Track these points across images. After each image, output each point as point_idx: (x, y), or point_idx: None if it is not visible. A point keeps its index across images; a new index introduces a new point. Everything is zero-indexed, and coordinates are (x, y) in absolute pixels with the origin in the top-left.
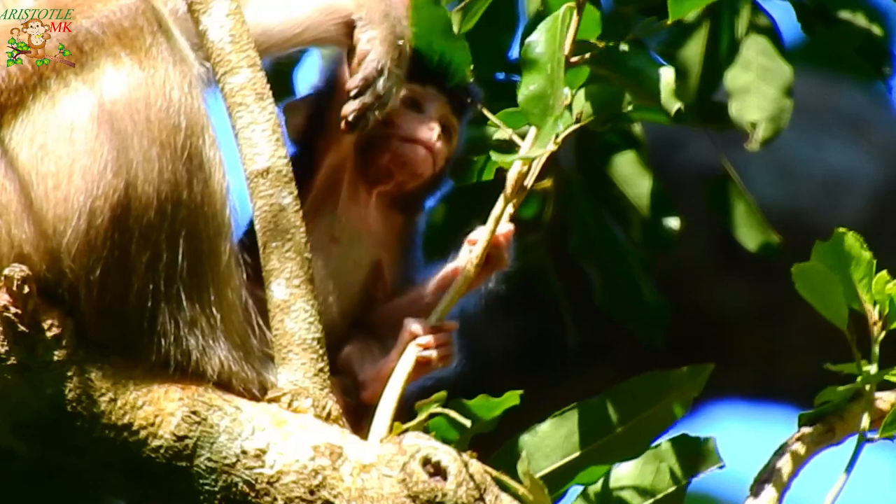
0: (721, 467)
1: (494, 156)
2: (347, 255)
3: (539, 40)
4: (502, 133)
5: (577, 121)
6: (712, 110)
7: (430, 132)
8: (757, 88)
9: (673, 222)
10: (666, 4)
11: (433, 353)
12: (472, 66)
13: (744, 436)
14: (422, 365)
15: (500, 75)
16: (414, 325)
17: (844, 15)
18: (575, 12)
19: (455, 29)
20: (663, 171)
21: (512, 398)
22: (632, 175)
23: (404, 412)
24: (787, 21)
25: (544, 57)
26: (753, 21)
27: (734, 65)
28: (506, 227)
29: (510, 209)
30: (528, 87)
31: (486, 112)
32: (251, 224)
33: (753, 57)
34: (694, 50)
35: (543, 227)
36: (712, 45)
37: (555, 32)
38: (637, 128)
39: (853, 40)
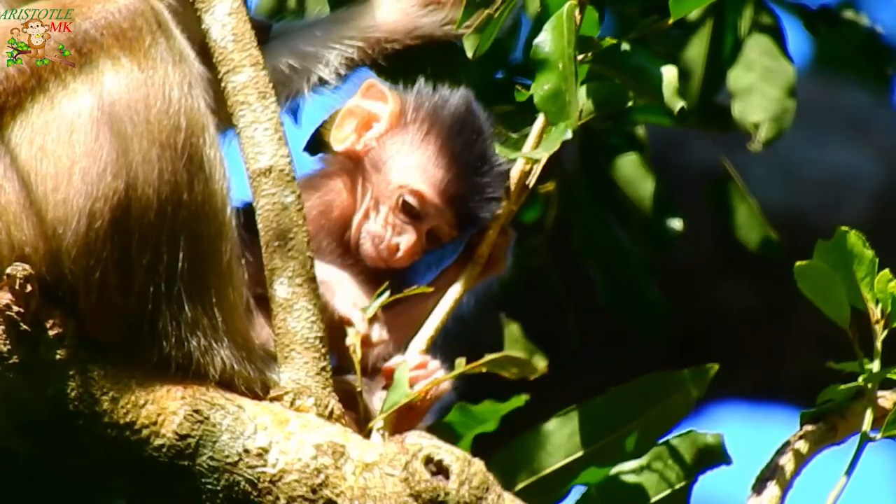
0: (728, 464)
1: (501, 150)
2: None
3: (546, 39)
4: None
5: (579, 118)
6: (715, 112)
7: (391, 239)
8: (760, 89)
9: (675, 223)
10: (666, 5)
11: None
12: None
13: (746, 436)
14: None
15: (498, 74)
16: (388, 365)
17: (847, 16)
18: (577, 11)
19: (469, 53)
20: (666, 170)
21: (517, 401)
22: (635, 177)
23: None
24: (790, 22)
25: (554, 55)
26: (757, 20)
27: (737, 65)
28: (507, 229)
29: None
30: (542, 86)
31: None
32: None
33: (756, 58)
34: (697, 51)
35: (546, 230)
36: (715, 46)
37: (561, 30)
38: (640, 130)
39: (855, 41)
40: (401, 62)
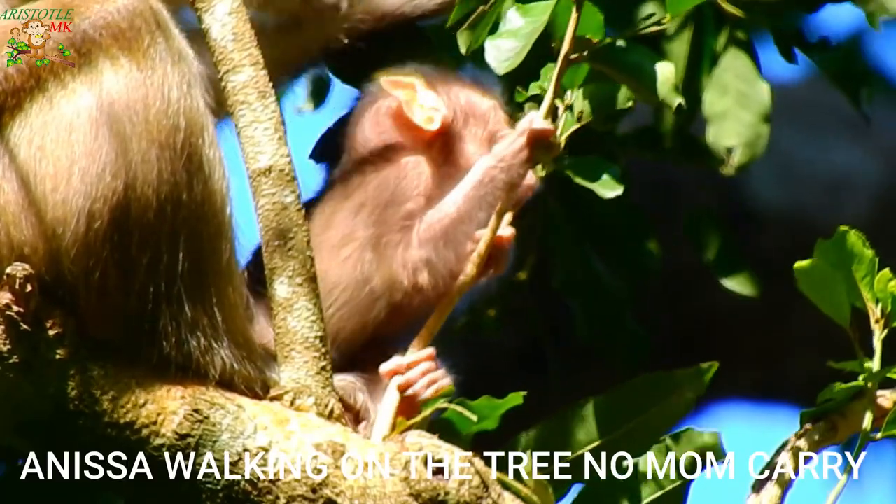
0: (726, 463)
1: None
2: None
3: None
4: None
5: (579, 120)
6: (689, 145)
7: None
8: (734, 114)
9: (651, 247)
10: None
11: (418, 387)
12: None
13: (747, 436)
14: (412, 402)
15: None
16: (386, 367)
17: (823, 41)
18: (574, 9)
19: (462, 49)
20: (664, 173)
21: (515, 398)
22: (612, 205)
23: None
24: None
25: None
26: (733, 35)
27: (711, 90)
28: (507, 230)
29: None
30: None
31: None
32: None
33: (731, 81)
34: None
35: (527, 263)
36: (691, 72)
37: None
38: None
39: (831, 67)
40: (375, 54)
